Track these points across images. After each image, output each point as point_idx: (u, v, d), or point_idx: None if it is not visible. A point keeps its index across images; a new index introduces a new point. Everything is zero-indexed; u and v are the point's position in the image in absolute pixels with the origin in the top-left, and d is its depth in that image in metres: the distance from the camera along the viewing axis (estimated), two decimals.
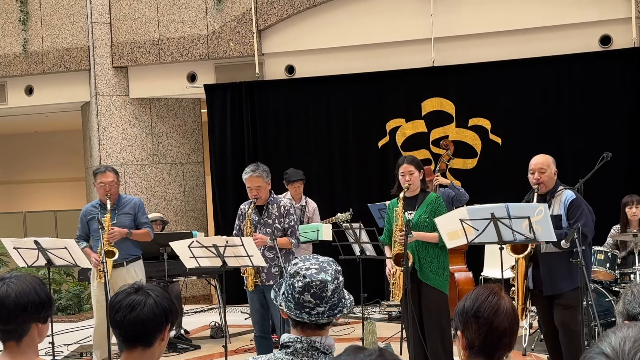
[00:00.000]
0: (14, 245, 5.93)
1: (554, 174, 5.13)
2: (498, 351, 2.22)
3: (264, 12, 9.42)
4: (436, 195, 5.53)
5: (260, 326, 5.81)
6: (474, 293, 2.32)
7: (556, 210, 5.05)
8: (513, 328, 2.24)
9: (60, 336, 7.71)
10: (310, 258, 2.30)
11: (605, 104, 8.37)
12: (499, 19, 8.67)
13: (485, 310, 2.22)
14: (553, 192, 5.09)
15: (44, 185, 15.85)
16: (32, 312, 2.28)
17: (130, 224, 6.31)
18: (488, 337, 2.21)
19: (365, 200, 8.29)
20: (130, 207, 6.35)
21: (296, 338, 2.24)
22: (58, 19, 10.25)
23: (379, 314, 8.61)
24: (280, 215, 5.74)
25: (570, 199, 5.02)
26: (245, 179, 5.70)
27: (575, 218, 4.95)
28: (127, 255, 6.26)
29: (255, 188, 5.64)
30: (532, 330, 6.70)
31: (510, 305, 2.26)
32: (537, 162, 5.14)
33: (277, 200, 5.81)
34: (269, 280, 5.68)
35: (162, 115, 10.34)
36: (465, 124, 8.81)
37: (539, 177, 5.08)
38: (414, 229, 5.32)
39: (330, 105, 9.36)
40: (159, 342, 2.24)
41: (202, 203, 10.60)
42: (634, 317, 2.21)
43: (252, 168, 5.71)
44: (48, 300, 2.32)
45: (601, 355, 1.13)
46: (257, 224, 5.74)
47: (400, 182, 5.42)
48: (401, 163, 5.47)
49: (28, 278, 2.34)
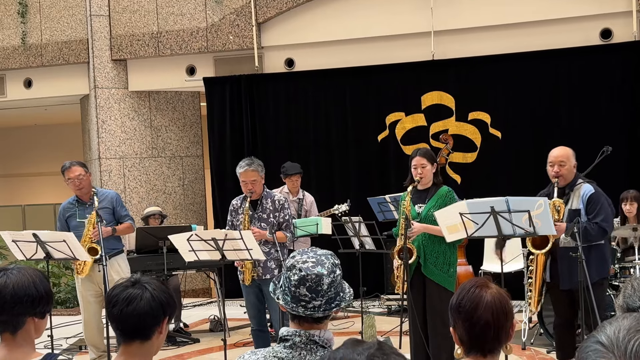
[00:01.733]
0: (12, 238, 5.91)
1: (573, 167, 5.11)
2: (486, 344, 2.20)
3: (263, 4, 9.39)
4: (447, 188, 5.40)
5: (258, 320, 5.82)
6: (459, 287, 2.31)
7: (575, 204, 5.04)
8: (499, 320, 2.19)
9: (59, 329, 7.71)
10: (308, 251, 2.28)
11: (605, 98, 8.35)
12: (499, 12, 8.64)
13: (466, 304, 2.21)
14: (572, 185, 5.07)
15: (43, 179, 15.84)
16: (28, 306, 2.26)
17: (109, 218, 6.24)
18: (471, 330, 2.19)
19: (365, 194, 8.28)
20: (107, 202, 6.27)
21: (295, 332, 2.23)
22: (57, 11, 10.22)
23: (378, 307, 8.61)
24: (275, 209, 5.74)
25: (589, 194, 5.01)
26: (240, 173, 5.68)
27: (595, 213, 4.95)
28: (109, 250, 6.18)
29: (251, 182, 5.64)
30: (532, 325, 6.70)
31: (496, 298, 2.21)
32: (556, 154, 5.11)
33: (271, 194, 5.81)
34: (265, 274, 5.68)
35: (162, 108, 10.32)
36: (465, 118, 8.79)
37: (559, 170, 5.06)
38: (422, 222, 5.24)
39: (330, 98, 9.34)
40: (157, 335, 2.23)
41: (201, 196, 10.59)
42: (634, 310, 2.20)
43: (247, 162, 5.69)
44: (46, 295, 2.30)
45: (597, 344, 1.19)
46: (251, 219, 5.74)
47: (412, 175, 5.34)
48: (414, 155, 5.36)
49: (29, 271, 2.32)
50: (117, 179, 10.00)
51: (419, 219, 5.27)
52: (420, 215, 5.29)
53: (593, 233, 4.98)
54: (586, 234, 4.95)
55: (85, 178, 6.24)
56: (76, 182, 6.19)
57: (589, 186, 5.06)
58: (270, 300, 5.64)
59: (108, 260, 6.16)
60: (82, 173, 6.22)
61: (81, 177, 6.20)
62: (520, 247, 6.89)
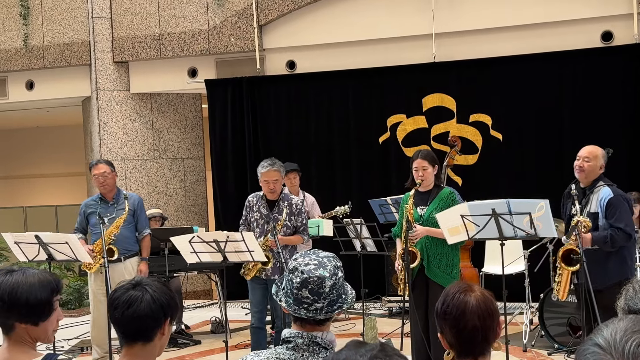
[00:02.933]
0: (14, 239, 5.92)
1: (599, 167, 5.16)
2: (476, 348, 2.21)
3: (264, 7, 9.41)
4: (449, 190, 5.38)
5: (259, 317, 5.89)
6: (443, 293, 2.31)
7: (593, 207, 5.08)
8: (486, 323, 2.20)
9: (60, 331, 7.67)
10: (310, 253, 2.28)
11: (606, 100, 8.35)
12: (499, 14, 8.65)
13: (452, 311, 2.22)
14: (592, 187, 5.11)
15: (45, 180, 15.86)
16: (15, 312, 2.25)
17: (129, 219, 6.36)
18: (460, 336, 2.20)
19: (366, 195, 8.29)
20: (130, 204, 6.37)
21: (297, 333, 2.23)
22: (59, 13, 10.24)
23: (380, 309, 8.61)
24: (292, 213, 5.82)
25: (607, 198, 5.05)
26: (262, 172, 5.74)
27: (616, 217, 5.00)
28: (125, 251, 6.33)
29: (273, 182, 5.73)
30: (533, 327, 6.70)
31: (480, 301, 2.22)
32: (584, 150, 5.22)
33: (289, 197, 5.90)
34: (274, 274, 5.75)
35: (163, 110, 10.33)
36: (466, 120, 8.80)
37: (582, 165, 5.13)
38: (425, 224, 5.24)
39: (331, 100, 9.35)
40: (159, 337, 2.23)
41: (202, 198, 10.60)
42: (635, 313, 2.20)
43: (270, 162, 5.77)
44: (39, 304, 2.26)
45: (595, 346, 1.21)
46: (267, 218, 5.79)
47: (414, 177, 5.33)
48: (415, 158, 5.35)
49: (36, 276, 2.28)
50: (119, 180, 9.98)
51: (421, 221, 5.27)
52: (422, 217, 5.28)
53: (619, 240, 5.05)
54: (613, 242, 5.02)
55: (110, 177, 6.40)
56: (100, 179, 6.35)
57: (608, 190, 5.10)
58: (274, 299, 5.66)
59: (123, 262, 6.26)
60: (108, 171, 6.38)
61: (105, 175, 6.36)
62: (522, 249, 6.89)
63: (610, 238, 4.97)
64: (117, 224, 6.23)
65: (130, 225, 6.39)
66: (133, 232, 6.45)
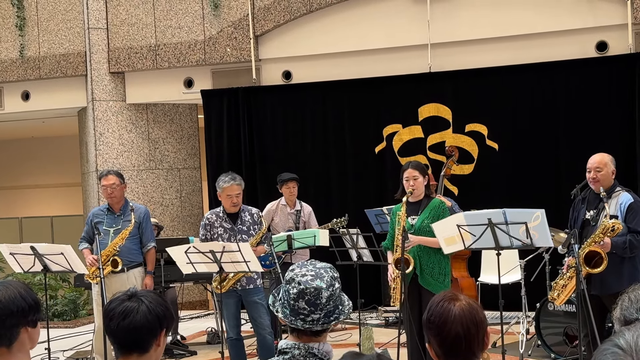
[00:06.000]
0: (10, 250, 5.91)
1: (611, 173, 5.20)
2: (459, 357, 2.20)
3: (260, 17, 9.43)
4: (440, 200, 5.50)
5: (237, 330, 5.92)
6: (429, 303, 2.31)
7: (612, 211, 5.10)
8: (469, 331, 2.18)
9: (56, 342, 7.68)
10: (307, 264, 2.28)
11: (601, 110, 8.37)
12: (495, 25, 8.69)
13: (435, 320, 2.21)
14: (610, 192, 5.13)
15: (40, 191, 15.82)
16: (20, 316, 2.26)
17: (134, 231, 6.31)
18: (443, 344, 2.20)
19: (362, 205, 8.28)
20: (136, 216, 6.33)
21: (294, 344, 2.23)
22: (55, 24, 10.25)
23: (376, 319, 8.59)
24: (254, 222, 5.95)
25: (628, 203, 5.09)
26: (225, 187, 5.85)
27: (635, 222, 5.03)
28: (128, 262, 6.26)
29: (236, 196, 5.86)
30: (529, 336, 6.70)
31: (465, 310, 2.21)
32: (593, 161, 5.23)
33: (248, 208, 6.04)
34: (249, 284, 5.80)
35: (159, 120, 10.33)
36: (462, 130, 8.81)
37: (595, 176, 5.15)
38: (416, 234, 5.30)
39: (327, 111, 9.36)
40: (155, 348, 2.23)
41: (198, 209, 10.59)
42: (630, 322, 2.19)
43: (232, 177, 5.91)
44: (35, 303, 2.28)
45: (616, 347, 1.25)
46: (231, 232, 5.87)
47: (405, 187, 5.39)
48: (406, 168, 5.44)
49: (13, 284, 2.32)
50: None
51: (413, 231, 5.32)
52: (414, 227, 5.33)
53: (638, 245, 5.06)
54: (632, 247, 5.03)
55: (119, 188, 6.36)
56: (108, 190, 6.32)
57: (627, 195, 5.14)
58: (253, 308, 5.81)
59: (126, 272, 6.23)
60: (117, 183, 6.34)
61: (114, 186, 6.32)
62: (518, 259, 6.89)
63: (629, 243, 4.99)
64: (123, 235, 6.17)
65: (135, 237, 6.32)
66: (137, 243, 6.38)
